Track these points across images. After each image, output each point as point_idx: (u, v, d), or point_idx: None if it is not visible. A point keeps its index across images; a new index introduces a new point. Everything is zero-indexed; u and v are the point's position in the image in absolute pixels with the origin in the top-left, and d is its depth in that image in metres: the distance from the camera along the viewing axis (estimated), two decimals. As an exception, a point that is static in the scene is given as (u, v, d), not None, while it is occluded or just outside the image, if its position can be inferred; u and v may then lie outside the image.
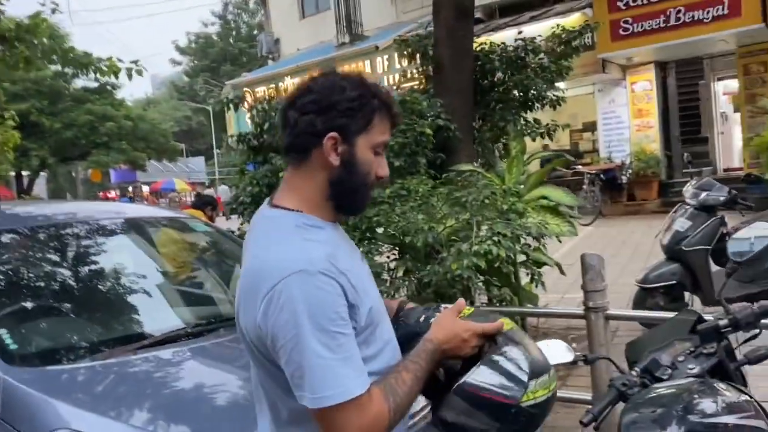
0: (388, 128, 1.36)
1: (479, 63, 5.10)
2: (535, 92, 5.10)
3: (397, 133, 4.28)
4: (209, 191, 35.10)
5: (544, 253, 4.28)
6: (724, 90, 15.40)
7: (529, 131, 5.30)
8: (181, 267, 3.53)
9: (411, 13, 16.35)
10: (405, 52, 5.01)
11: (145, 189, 42.90)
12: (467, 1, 4.36)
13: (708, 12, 11.97)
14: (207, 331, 2.56)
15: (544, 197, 4.39)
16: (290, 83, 17.33)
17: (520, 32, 5.89)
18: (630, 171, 14.31)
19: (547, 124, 5.39)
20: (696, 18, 12.14)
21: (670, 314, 4.56)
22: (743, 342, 2.07)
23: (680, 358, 1.85)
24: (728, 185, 5.66)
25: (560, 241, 4.53)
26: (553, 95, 5.27)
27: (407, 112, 4.39)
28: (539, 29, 7.04)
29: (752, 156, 12.78)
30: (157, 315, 2.76)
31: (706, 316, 2.03)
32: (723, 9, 11.81)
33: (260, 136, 4.77)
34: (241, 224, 4.73)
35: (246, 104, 5.20)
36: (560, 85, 5.53)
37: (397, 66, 15.32)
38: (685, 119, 15.17)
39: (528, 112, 5.37)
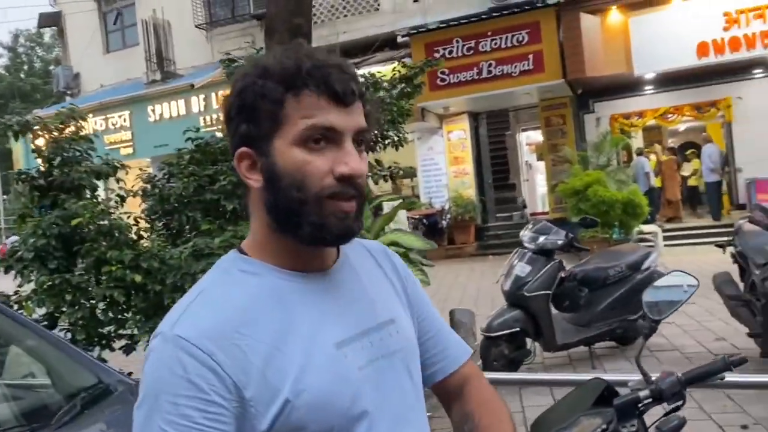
0: (323, 103, 0.91)
1: (315, 98, 4.58)
2: (376, 131, 4.74)
3: (229, 172, 3.61)
4: (-9, 242, 30.67)
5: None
6: (527, 141, 16.66)
7: (371, 173, 4.91)
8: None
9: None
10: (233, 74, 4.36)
11: None
12: (305, 25, 3.88)
13: (516, 66, 12.80)
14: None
15: (395, 243, 3.97)
16: (93, 122, 15.73)
17: (357, 67, 5.54)
18: (449, 216, 14.73)
19: (390, 167, 5.06)
20: (505, 72, 12.92)
21: (545, 375, 4.38)
22: (666, 414, 1.78)
23: (595, 441, 1.56)
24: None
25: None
26: (396, 135, 4.95)
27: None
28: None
29: (556, 201, 13.77)
30: None
31: (613, 377, 1.83)
32: (529, 64, 12.70)
33: (49, 173, 3.80)
34: (20, 287, 3.68)
35: (33, 136, 4.17)
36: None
37: (215, 106, 14.58)
38: (495, 167, 16.11)
39: (369, 152, 4.97)
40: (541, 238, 5.43)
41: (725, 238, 5.62)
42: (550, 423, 1.79)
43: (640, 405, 1.66)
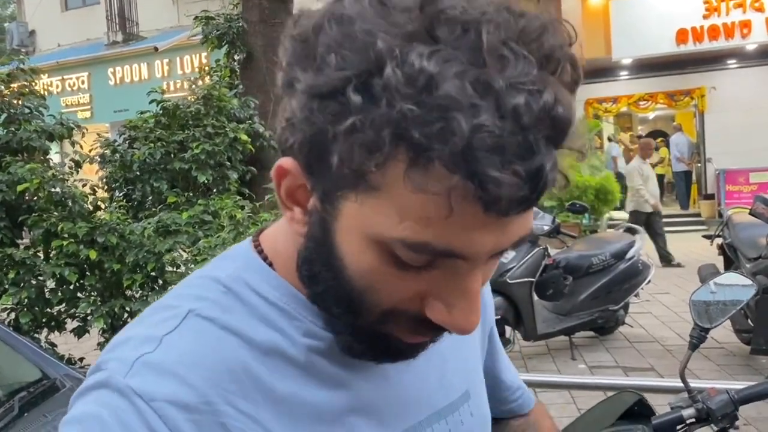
0: (461, 207, 0.42)
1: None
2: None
3: (203, 139, 3.22)
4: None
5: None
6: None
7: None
8: None
9: (195, 17, 15.05)
10: (210, 35, 3.95)
11: None
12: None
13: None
14: None
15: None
16: (48, 82, 14.99)
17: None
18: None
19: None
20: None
21: (566, 378, 4.14)
22: None
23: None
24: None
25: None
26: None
27: (214, 111, 3.35)
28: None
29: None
30: None
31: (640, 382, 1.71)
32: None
33: (-7, 133, 3.36)
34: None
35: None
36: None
37: (180, 71, 13.99)
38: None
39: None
40: (526, 223, 5.19)
41: (700, 227, 5.50)
42: (575, 441, 1.59)
43: (681, 426, 1.45)
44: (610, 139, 14.14)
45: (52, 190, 2.99)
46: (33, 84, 3.61)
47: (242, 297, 0.55)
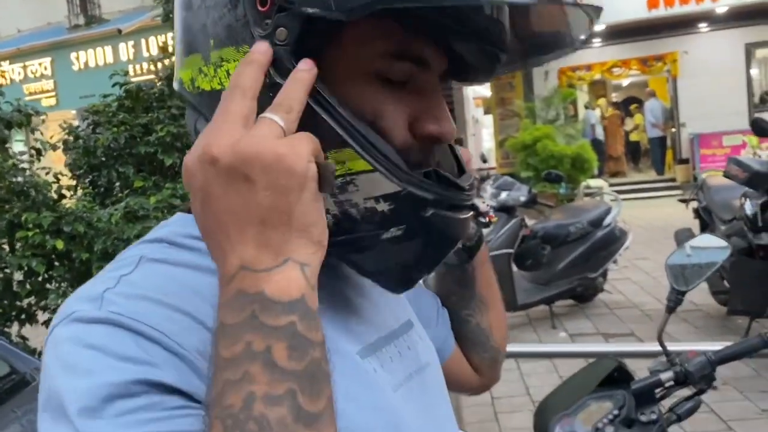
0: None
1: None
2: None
3: (167, 121, 3.13)
4: None
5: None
6: (474, 95, 16.41)
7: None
8: None
9: (160, -3, 14.66)
10: (172, 14, 3.82)
11: None
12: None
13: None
14: None
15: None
16: (10, 69, 14.58)
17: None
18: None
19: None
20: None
21: (545, 347, 4.15)
22: (689, 398, 1.60)
23: (607, 430, 1.38)
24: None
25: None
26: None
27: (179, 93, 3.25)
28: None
29: (504, 156, 13.66)
30: None
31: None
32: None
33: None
34: None
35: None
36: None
37: (146, 53, 13.68)
38: (443, 121, 15.80)
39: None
40: (503, 194, 5.19)
41: (676, 192, 5.54)
42: (555, 407, 1.61)
43: (659, 389, 1.47)
44: (586, 107, 14.16)
45: (13, 179, 2.90)
46: (-12, 70, 3.47)
47: (189, 245, 0.55)
